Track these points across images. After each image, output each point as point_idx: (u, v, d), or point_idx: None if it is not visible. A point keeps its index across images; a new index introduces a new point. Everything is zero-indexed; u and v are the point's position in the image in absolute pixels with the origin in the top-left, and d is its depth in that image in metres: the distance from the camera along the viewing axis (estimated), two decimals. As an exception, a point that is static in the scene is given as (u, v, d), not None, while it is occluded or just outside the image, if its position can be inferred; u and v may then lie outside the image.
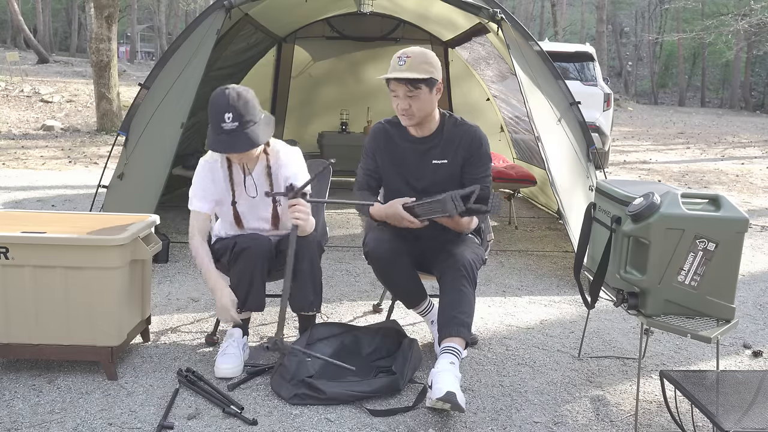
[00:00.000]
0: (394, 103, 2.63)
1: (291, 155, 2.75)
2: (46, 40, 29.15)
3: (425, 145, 2.71)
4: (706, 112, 28.43)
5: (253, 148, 2.49)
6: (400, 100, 2.59)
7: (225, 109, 2.44)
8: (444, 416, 2.31)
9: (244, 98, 2.49)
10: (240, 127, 2.45)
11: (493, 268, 4.28)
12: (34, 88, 14.76)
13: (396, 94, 2.60)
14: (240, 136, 2.45)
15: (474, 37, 5.86)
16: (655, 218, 2.19)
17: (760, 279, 4.32)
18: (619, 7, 39.65)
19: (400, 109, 2.61)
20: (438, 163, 2.69)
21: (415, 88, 2.55)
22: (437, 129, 2.71)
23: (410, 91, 2.55)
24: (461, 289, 2.49)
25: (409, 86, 2.54)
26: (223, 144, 2.46)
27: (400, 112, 2.63)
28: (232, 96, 2.46)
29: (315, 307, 2.70)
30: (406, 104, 2.58)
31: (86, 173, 7.98)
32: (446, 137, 2.69)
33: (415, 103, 2.57)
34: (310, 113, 7.73)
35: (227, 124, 2.43)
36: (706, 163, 11.15)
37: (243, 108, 2.47)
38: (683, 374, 2.12)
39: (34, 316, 2.47)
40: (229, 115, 2.43)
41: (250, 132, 2.47)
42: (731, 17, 21.61)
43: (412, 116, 2.61)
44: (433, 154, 2.70)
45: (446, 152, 2.69)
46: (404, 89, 2.56)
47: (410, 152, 2.72)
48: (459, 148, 2.68)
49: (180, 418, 2.24)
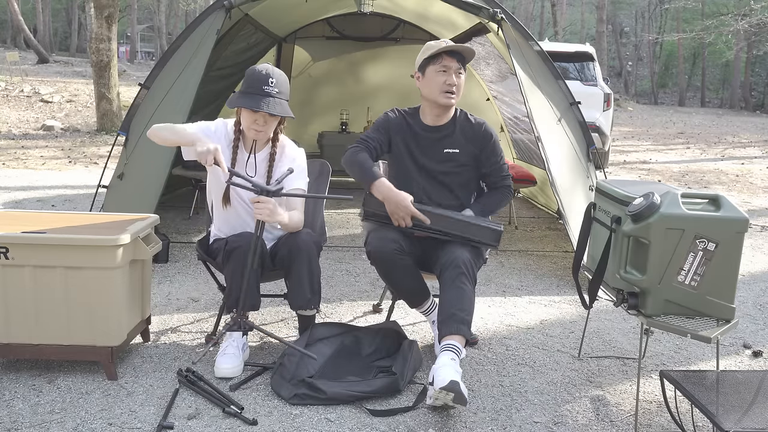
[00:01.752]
0: (441, 78, 2.71)
1: (296, 153, 2.82)
2: (46, 40, 29.15)
3: (439, 134, 2.80)
4: (706, 112, 28.43)
5: (284, 115, 2.65)
6: (450, 76, 2.71)
7: (270, 75, 2.63)
8: (444, 416, 2.31)
9: (284, 76, 2.72)
10: (279, 95, 2.64)
11: (493, 268, 4.28)
12: (34, 88, 14.77)
13: (446, 70, 2.70)
14: (277, 102, 2.63)
15: (474, 37, 5.86)
16: (655, 218, 2.19)
17: (760, 279, 4.32)
18: (619, 7, 39.64)
19: (447, 84, 2.71)
20: (450, 151, 2.79)
21: (464, 67, 2.74)
22: (451, 120, 2.82)
23: (460, 69, 2.73)
24: (461, 287, 2.49)
25: (461, 64, 2.72)
26: (261, 102, 2.59)
27: (445, 87, 2.71)
28: (276, 70, 2.69)
29: (313, 305, 2.71)
30: (454, 80, 2.71)
31: (86, 173, 7.98)
32: (459, 128, 2.81)
33: (460, 81, 2.73)
34: (310, 113, 7.73)
35: (270, 87, 2.62)
36: (706, 163, 11.15)
37: (284, 82, 2.69)
38: (683, 374, 2.12)
39: (34, 316, 2.47)
40: (273, 80, 2.63)
41: (284, 104, 2.67)
42: (731, 17, 21.62)
43: (456, 94, 2.74)
44: (445, 143, 2.80)
45: (458, 142, 2.80)
46: (456, 65, 2.71)
47: (424, 139, 2.81)
48: (470, 141, 2.80)
49: (180, 418, 2.24)
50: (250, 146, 2.76)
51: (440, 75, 2.69)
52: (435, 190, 2.78)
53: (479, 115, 2.93)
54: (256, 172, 2.77)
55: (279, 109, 2.60)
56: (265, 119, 2.63)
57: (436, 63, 2.70)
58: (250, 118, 2.63)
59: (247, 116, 2.64)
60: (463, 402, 2.18)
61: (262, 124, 2.64)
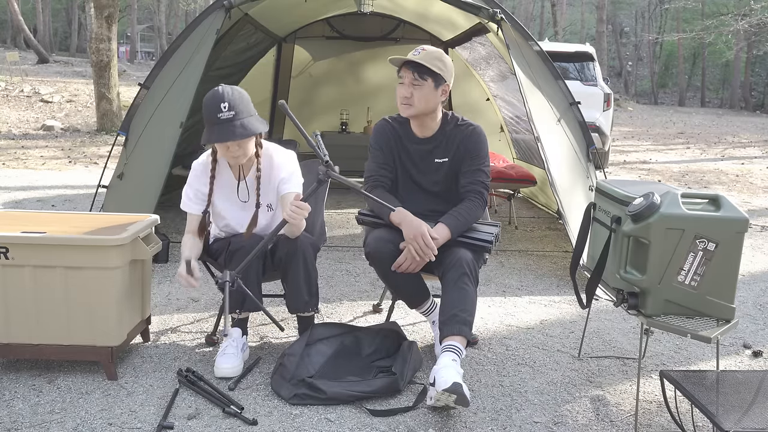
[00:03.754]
0: (399, 91, 2.66)
1: (284, 157, 2.75)
2: (46, 40, 29.15)
3: (429, 145, 2.76)
4: (706, 112, 28.43)
5: (248, 136, 2.51)
6: (404, 87, 2.63)
7: (220, 100, 2.48)
8: (444, 416, 2.31)
9: (239, 92, 2.55)
10: (236, 117, 2.48)
11: (493, 268, 4.28)
12: (34, 88, 14.77)
13: (402, 81, 2.64)
14: (236, 125, 2.47)
15: (474, 36, 5.86)
16: (655, 218, 2.18)
17: (760, 279, 4.32)
18: (619, 7, 39.64)
19: (401, 96, 2.64)
20: (440, 161, 2.75)
21: (422, 78, 2.60)
22: (439, 129, 2.76)
23: (416, 80, 2.61)
24: (463, 288, 2.49)
25: (416, 75, 2.60)
26: (220, 133, 2.47)
27: (400, 100, 2.65)
28: (227, 90, 2.52)
29: (311, 307, 2.70)
30: (408, 92, 2.62)
31: (86, 173, 7.98)
32: (448, 137, 2.75)
33: (417, 92, 2.62)
34: (310, 113, 7.73)
35: (223, 113, 2.46)
36: (706, 163, 11.15)
37: (238, 100, 2.52)
38: (683, 374, 2.12)
39: (34, 316, 2.47)
40: (225, 104, 2.47)
41: (246, 122, 2.50)
42: (731, 17, 21.63)
43: (411, 106, 2.64)
44: (435, 153, 2.75)
45: (447, 151, 2.74)
46: (411, 77, 2.61)
47: (415, 152, 2.77)
48: (459, 147, 2.73)
49: (180, 418, 2.24)
50: (238, 173, 2.71)
51: (399, 87, 2.66)
52: (430, 202, 2.76)
53: (479, 115, 2.93)
54: (249, 196, 2.73)
55: (240, 132, 2.46)
56: (239, 143, 2.52)
57: (398, 76, 2.68)
58: (223, 149, 2.55)
59: (220, 148, 2.57)
60: (465, 404, 2.18)
61: (236, 150, 2.55)
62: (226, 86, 2.54)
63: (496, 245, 2.70)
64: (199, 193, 2.70)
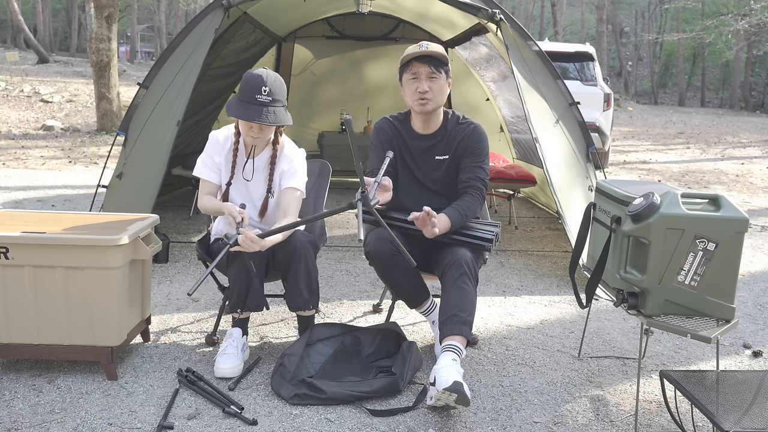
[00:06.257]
0: (413, 86, 2.65)
1: (295, 152, 2.83)
2: (46, 40, 29.13)
3: (430, 142, 2.77)
4: (706, 112, 28.43)
5: (278, 124, 2.62)
6: (421, 82, 2.64)
7: (262, 83, 2.58)
8: (444, 416, 2.31)
9: (280, 81, 2.66)
10: (272, 103, 2.60)
11: (493, 268, 4.28)
12: (34, 88, 14.77)
13: (416, 76, 2.64)
14: (270, 111, 2.59)
15: (474, 36, 5.86)
16: (655, 218, 2.18)
17: (760, 279, 4.32)
18: (619, 7, 39.65)
19: (419, 91, 2.64)
20: (440, 158, 2.76)
21: (437, 70, 2.64)
22: (441, 126, 2.78)
23: (432, 73, 2.64)
24: (463, 287, 2.49)
25: (432, 67, 2.62)
26: (253, 113, 2.56)
27: (418, 96, 2.65)
28: (271, 75, 2.63)
29: (311, 305, 2.71)
30: (427, 86, 2.63)
31: (86, 173, 7.98)
32: (449, 134, 2.76)
33: (434, 85, 2.64)
34: (310, 113, 7.73)
35: (262, 96, 2.57)
36: (706, 163, 11.15)
37: (279, 88, 2.63)
38: (683, 374, 2.12)
39: (34, 316, 2.47)
40: (266, 89, 2.58)
41: (279, 111, 2.62)
42: (731, 17, 21.65)
43: (430, 100, 2.65)
44: (436, 150, 2.77)
45: (448, 148, 2.76)
46: (427, 70, 2.63)
47: (415, 148, 2.78)
48: (459, 144, 2.75)
49: (180, 418, 2.24)
50: (249, 151, 2.78)
51: (412, 82, 2.65)
52: (431, 199, 2.76)
53: (479, 115, 2.93)
54: (253, 175, 2.78)
55: (272, 119, 2.58)
56: (261, 127, 2.64)
57: (407, 71, 2.67)
58: (246, 127, 2.65)
59: (243, 125, 2.67)
60: (466, 403, 2.19)
61: (257, 132, 2.65)
62: (270, 71, 2.65)
63: (496, 245, 2.70)
64: (213, 160, 2.78)
